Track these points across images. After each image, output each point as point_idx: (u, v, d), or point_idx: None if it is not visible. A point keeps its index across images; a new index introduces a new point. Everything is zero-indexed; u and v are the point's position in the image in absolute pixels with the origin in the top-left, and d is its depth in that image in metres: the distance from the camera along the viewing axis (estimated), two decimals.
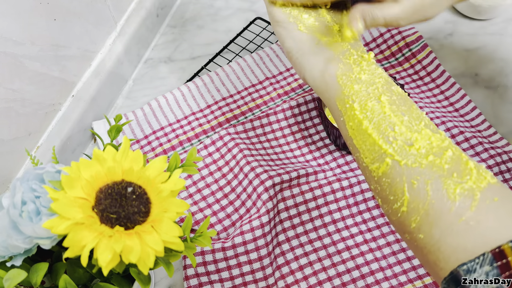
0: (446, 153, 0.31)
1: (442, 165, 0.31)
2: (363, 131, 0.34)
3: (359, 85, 0.36)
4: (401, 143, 0.32)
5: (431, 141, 0.32)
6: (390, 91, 0.35)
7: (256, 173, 0.52)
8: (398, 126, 0.33)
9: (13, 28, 0.43)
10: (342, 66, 0.37)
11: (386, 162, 0.33)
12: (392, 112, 0.34)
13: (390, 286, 0.48)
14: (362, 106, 0.35)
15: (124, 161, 0.32)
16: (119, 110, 0.62)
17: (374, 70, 0.36)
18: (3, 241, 0.33)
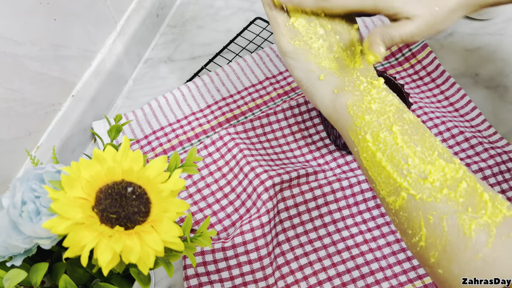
0: (461, 185, 0.31)
1: (457, 199, 0.31)
2: (377, 163, 0.34)
3: (370, 115, 0.35)
4: (415, 176, 0.32)
5: (445, 173, 0.32)
6: (401, 120, 0.35)
7: (256, 173, 0.52)
8: (411, 158, 0.33)
9: (13, 28, 0.43)
10: (352, 96, 0.37)
11: (402, 196, 0.32)
12: (404, 143, 0.34)
13: (390, 286, 0.48)
14: (375, 138, 0.35)
15: (124, 161, 0.32)
16: (119, 110, 0.62)
17: (384, 97, 0.37)
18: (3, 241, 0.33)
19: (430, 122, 0.57)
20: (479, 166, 0.53)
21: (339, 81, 0.39)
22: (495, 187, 0.53)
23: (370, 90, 0.37)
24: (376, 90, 0.37)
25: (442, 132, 0.56)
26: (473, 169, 0.53)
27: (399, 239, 0.51)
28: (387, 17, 0.39)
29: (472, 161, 0.54)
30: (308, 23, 0.40)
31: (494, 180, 0.53)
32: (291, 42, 0.40)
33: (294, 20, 0.40)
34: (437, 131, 0.56)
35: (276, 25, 0.41)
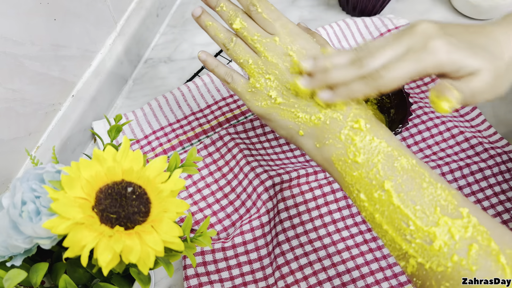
0: (472, 248, 0.28)
1: (470, 267, 0.28)
2: (378, 224, 0.32)
3: (358, 170, 0.33)
4: (420, 242, 0.29)
5: (452, 234, 0.29)
6: (393, 171, 0.32)
7: (256, 173, 0.52)
8: (412, 221, 0.30)
9: (13, 28, 0.43)
10: (335, 149, 0.34)
11: (412, 264, 0.30)
12: (401, 202, 0.31)
13: (390, 286, 0.48)
14: (369, 198, 0.32)
15: (124, 161, 0.32)
16: (119, 110, 0.62)
17: (369, 144, 0.33)
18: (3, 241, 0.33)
19: (430, 122, 0.57)
20: (479, 166, 0.53)
21: (319, 133, 0.36)
22: (495, 187, 0.53)
23: (352, 138, 0.34)
24: (359, 136, 0.34)
25: (442, 132, 0.56)
26: (473, 169, 0.53)
27: None
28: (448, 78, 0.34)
29: (472, 161, 0.54)
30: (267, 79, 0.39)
31: (494, 180, 0.53)
32: (258, 104, 0.39)
33: (253, 81, 0.39)
34: (437, 131, 0.56)
35: (239, 94, 0.40)
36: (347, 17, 0.68)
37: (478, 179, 0.53)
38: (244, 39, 0.40)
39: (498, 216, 0.51)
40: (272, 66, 0.38)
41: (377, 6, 0.66)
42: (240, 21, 0.40)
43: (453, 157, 0.55)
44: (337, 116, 0.35)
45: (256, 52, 0.40)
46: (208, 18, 0.43)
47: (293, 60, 0.38)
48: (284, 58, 0.38)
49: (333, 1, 0.71)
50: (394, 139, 0.34)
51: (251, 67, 0.39)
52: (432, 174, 0.32)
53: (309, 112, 0.36)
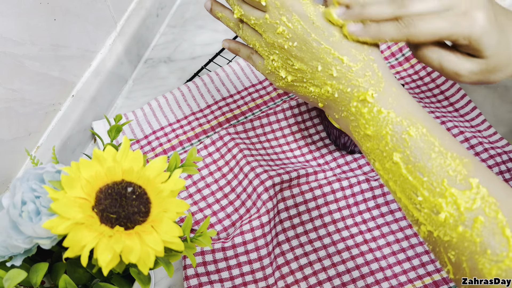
0: (477, 221, 0.28)
1: (474, 239, 0.28)
2: (393, 192, 0.33)
3: (370, 142, 0.33)
4: (428, 212, 0.30)
5: (458, 205, 0.29)
6: (401, 142, 0.32)
7: (256, 173, 0.52)
8: (420, 192, 0.30)
9: (13, 28, 0.43)
10: (349, 122, 0.35)
11: (423, 230, 0.31)
12: (409, 173, 0.31)
13: (390, 286, 0.48)
14: (383, 167, 0.33)
15: (124, 161, 0.32)
16: (119, 110, 0.62)
17: (377, 115, 0.33)
18: (3, 241, 0.33)
19: None
20: None
21: (334, 105, 0.36)
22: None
23: (361, 110, 0.33)
24: (367, 108, 0.33)
25: None
26: None
27: (399, 239, 0.51)
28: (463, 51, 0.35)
29: None
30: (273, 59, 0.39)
31: None
32: (277, 84, 0.39)
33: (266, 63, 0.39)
34: None
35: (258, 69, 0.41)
36: None
37: None
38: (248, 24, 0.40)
39: None
40: (272, 46, 0.38)
41: None
42: (237, 8, 0.40)
43: None
44: (344, 88, 0.34)
45: (258, 33, 0.39)
46: (219, 9, 0.43)
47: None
48: (277, 35, 0.37)
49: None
50: (406, 105, 0.33)
51: (259, 50, 0.40)
52: (443, 142, 0.31)
53: (317, 85, 0.36)
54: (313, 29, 0.35)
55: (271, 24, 0.37)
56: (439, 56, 0.35)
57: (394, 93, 0.33)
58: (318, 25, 0.35)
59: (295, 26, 0.36)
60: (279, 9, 0.36)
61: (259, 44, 0.39)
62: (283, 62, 0.38)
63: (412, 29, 0.33)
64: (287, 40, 0.36)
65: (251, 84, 0.62)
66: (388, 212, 0.52)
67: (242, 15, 0.39)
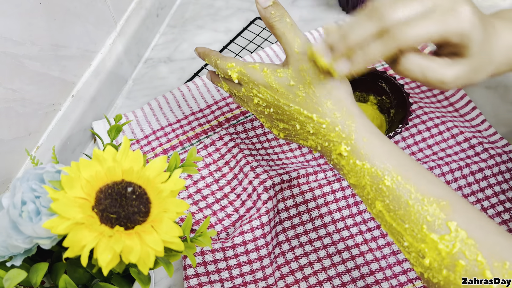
0: (459, 264, 0.29)
1: (457, 282, 0.29)
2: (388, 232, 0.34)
3: (357, 189, 0.35)
4: (416, 256, 0.31)
5: (440, 251, 0.30)
6: (380, 193, 0.33)
7: (256, 173, 0.52)
8: (405, 237, 0.32)
9: (13, 28, 0.43)
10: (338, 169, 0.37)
11: (416, 270, 0.32)
12: (393, 220, 0.32)
13: (390, 286, 0.48)
14: (372, 212, 0.34)
15: (124, 161, 0.32)
16: (119, 110, 0.62)
17: (353, 167, 0.34)
18: (3, 241, 0.33)
19: (430, 122, 0.57)
20: (479, 166, 0.53)
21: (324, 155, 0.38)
22: (495, 187, 0.53)
23: (341, 162, 0.35)
24: (345, 161, 0.35)
25: (442, 132, 0.56)
26: (473, 169, 0.53)
27: None
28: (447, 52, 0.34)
29: (472, 161, 0.54)
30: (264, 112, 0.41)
31: (494, 180, 0.53)
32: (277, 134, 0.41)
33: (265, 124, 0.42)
34: (437, 131, 0.56)
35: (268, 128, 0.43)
36: (347, 17, 0.68)
37: (478, 179, 0.53)
38: None
39: (498, 216, 0.51)
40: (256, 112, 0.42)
41: None
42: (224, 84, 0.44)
43: (453, 157, 0.55)
44: (323, 143, 0.36)
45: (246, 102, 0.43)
46: (216, 80, 0.46)
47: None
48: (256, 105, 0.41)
49: (333, 1, 0.71)
50: (378, 154, 0.33)
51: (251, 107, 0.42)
52: (420, 187, 0.32)
53: (304, 139, 0.39)
54: (279, 95, 0.38)
55: (248, 96, 0.40)
56: (421, 67, 0.33)
57: (365, 143, 0.34)
58: (282, 91, 0.38)
59: (265, 96, 0.39)
60: (248, 84, 0.40)
61: (249, 109, 0.43)
62: (270, 124, 0.41)
63: (400, 37, 0.30)
64: (264, 107, 0.40)
65: None
66: None
67: (228, 90, 0.44)
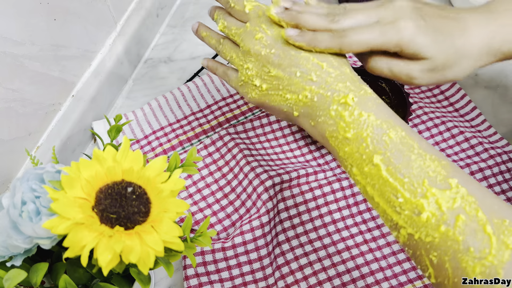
0: (459, 219, 0.28)
1: (456, 238, 0.28)
2: (370, 197, 0.33)
3: (350, 146, 0.33)
4: (409, 214, 0.30)
5: (439, 205, 0.29)
6: (382, 145, 0.32)
7: (256, 173, 0.52)
8: (401, 193, 0.30)
9: (13, 28, 0.43)
10: (327, 126, 0.35)
11: (403, 234, 0.31)
12: (390, 175, 0.31)
13: (390, 286, 0.48)
14: (361, 171, 0.33)
15: (124, 161, 0.32)
16: (119, 110, 0.62)
17: (358, 118, 0.33)
18: (3, 241, 0.33)
19: (430, 122, 0.57)
20: (479, 166, 0.53)
21: (310, 111, 0.36)
22: (495, 187, 0.53)
23: (341, 114, 0.34)
24: (348, 112, 0.34)
25: (442, 132, 0.56)
26: (473, 169, 0.53)
27: None
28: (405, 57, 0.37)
29: (472, 161, 0.54)
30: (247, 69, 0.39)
31: (494, 180, 0.53)
32: (250, 96, 0.40)
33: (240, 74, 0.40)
34: (437, 131, 0.56)
35: (235, 89, 0.42)
36: None
37: (478, 179, 0.53)
38: (229, 37, 0.42)
39: None
40: (248, 54, 0.39)
41: None
42: (221, 21, 0.42)
43: (453, 157, 0.55)
44: (324, 92, 0.35)
45: (237, 45, 0.41)
46: (203, 29, 0.46)
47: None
48: (255, 41, 0.39)
49: (333, 1, 0.71)
50: (383, 110, 0.34)
51: (235, 61, 0.41)
52: (422, 145, 0.32)
53: (294, 91, 0.37)
54: None
55: (251, 31, 0.39)
56: (388, 64, 0.37)
57: (373, 98, 0.35)
58: None
59: (274, 33, 0.38)
60: (260, 17, 0.39)
61: (236, 55, 0.41)
62: (258, 70, 0.38)
63: (345, 39, 0.35)
64: (264, 46, 0.38)
65: None
66: None
67: (224, 27, 0.42)
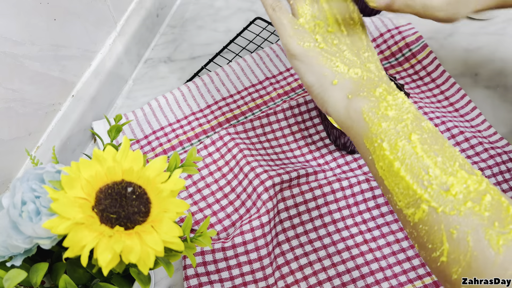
0: (485, 198, 0.29)
1: (482, 213, 0.29)
2: (394, 173, 0.32)
3: (387, 122, 0.33)
4: (437, 188, 0.30)
5: (468, 185, 0.30)
6: (420, 128, 0.33)
7: (256, 173, 0.52)
8: (432, 169, 0.31)
9: (13, 28, 0.43)
10: (367, 101, 0.35)
11: (423, 209, 0.31)
12: (424, 152, 0.32)
13: (390, 286, 0.48)
14: (392, 146, 0.33)
15: (124, 161, 0.32)
16: (119, 110, 0.62)
17: (401, 104, 0.34)
18: (3, 241, 0.33)
19: None
20: (479, 166, 0.53)
21: (354, 86, 0.36)
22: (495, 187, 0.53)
23: (385, 96, 0.35)
24: (392, 96, 0.35)
25: (442, 132, 0.56)
26: None
27: (399, 239, 0.51)
28: None
29: (472, 161, 0.54)
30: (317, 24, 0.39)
31: (494, 180, 0.53)
32: (300, 43, 0.38)
33: (303, 20, 0.39)
34: None
35: (282, 27, 0.39)
36: None
37: None
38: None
39: None
40: (323, 13, 0.40)
41: None
42: None
43: None
44: (373, 77, 0.37)
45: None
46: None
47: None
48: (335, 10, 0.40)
49: None
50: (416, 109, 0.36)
51: (305, 7, 0.40)
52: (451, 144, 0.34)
53: (348, 65, 0.37)
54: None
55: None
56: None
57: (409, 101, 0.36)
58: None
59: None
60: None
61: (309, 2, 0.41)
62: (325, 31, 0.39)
63: None
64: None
65: (251, 84, 0.62)
66: (388, 212, 0.52)
67: None
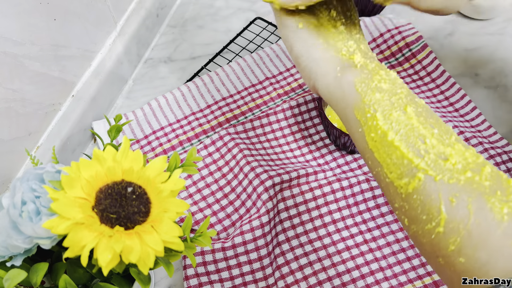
0: (484, 169, 0.29)
1: (482, 182, 0.28)
2: (388, 143, 0.31)
3: (381, 93, 0.32)
4: (434, 157, 0.29)
5: (466, 157, 0.29)
6: (414, 103, 0.32)
7: (256, 173, 0.52)
8: (429, 139, 0.30)
9: (13, 28, 0.43)
10: (360, 73, 0.34)
11: (418, 177, 0.29)
12: (420, 124, 0.31)
13: (390, 286, 0.48)
14: (386, 116, 0.32)
15: (124, 161, 0.32)
16: (119, 110, 0.62)
17: (394, 80, 0.34)
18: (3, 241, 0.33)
19: None
20: None
21: (346, 60, 0.35)
22: None
23: (378, 70, 0.34)
24: (385, 71, 0.34)
25: None
26: None
27: (399, 239, 0.51)
28: None
29: None
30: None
31: None
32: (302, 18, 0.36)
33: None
34: None
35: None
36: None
37: None
38: None
39: None
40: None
41: (377, 6, 0.66)
42: None
43: None
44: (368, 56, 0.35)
45: None
46: None
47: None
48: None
49: None
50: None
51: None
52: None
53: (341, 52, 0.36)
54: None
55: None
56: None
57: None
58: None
59: None
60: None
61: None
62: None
63: None
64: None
65: (251, 84, 0.62)
66: (388, 212, 0.52)
67: None
